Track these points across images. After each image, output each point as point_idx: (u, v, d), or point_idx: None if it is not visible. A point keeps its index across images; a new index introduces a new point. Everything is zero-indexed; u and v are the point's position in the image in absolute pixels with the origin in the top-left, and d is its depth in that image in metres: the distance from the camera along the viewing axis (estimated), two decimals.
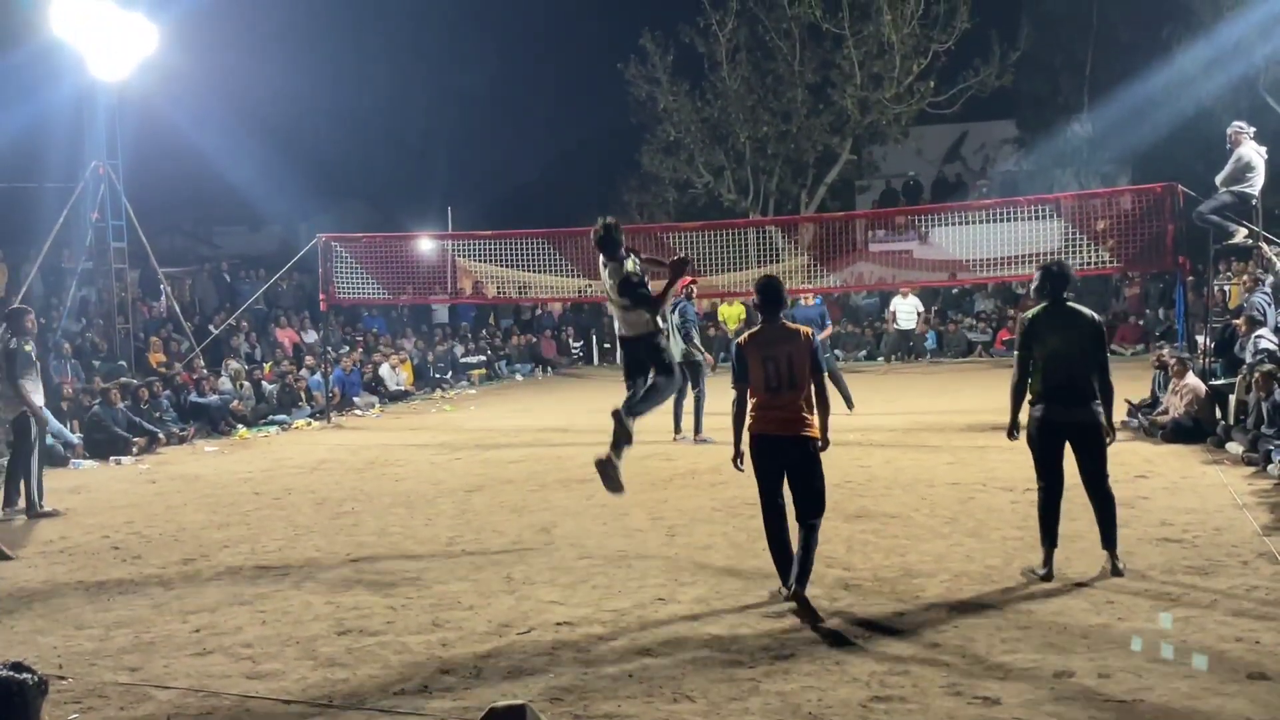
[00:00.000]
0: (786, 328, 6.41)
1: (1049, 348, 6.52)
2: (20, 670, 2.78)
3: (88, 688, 5.27)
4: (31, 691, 2.77)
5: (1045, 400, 6.56)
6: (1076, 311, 6.63)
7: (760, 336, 6.37)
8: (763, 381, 6.27)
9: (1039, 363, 6.55)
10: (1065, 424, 6.54)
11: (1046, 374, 6.53)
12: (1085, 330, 6.56)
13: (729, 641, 5.61)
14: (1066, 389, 6.51)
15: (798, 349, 6.26)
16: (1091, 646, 5.30)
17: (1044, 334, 6.54)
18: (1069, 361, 6.51)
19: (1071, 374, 6.51)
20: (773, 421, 6.27)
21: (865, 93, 26.80)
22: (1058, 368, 6.51)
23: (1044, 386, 6.55)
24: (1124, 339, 22.43)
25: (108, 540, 8.66)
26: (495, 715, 2.20)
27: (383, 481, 10.99)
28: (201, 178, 25.43)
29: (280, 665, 5.52)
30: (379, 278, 17.74)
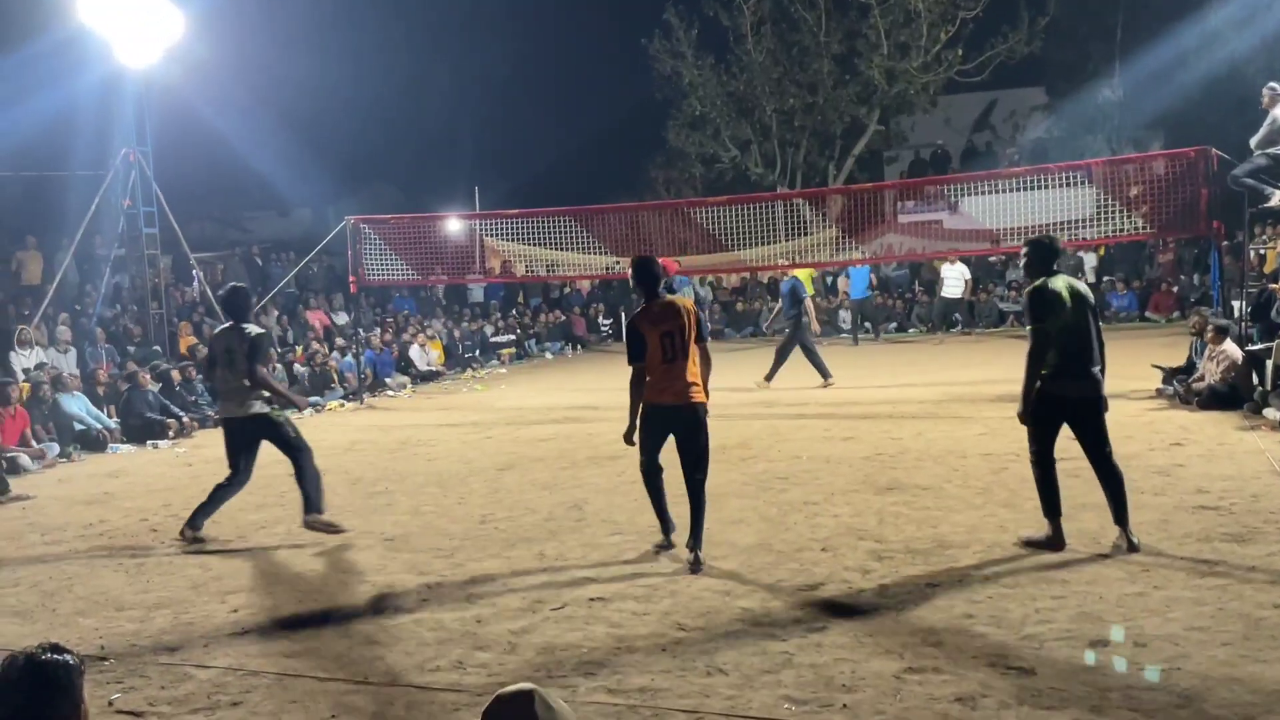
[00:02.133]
0: (671, 303, 6.76)
1: (1063, 320, 6.38)
2: (59, 651, 2.82)
3: (129, 668, 5.35)
4: (73, 672, 2.81)
5: (1058, 374, 6.44)
6: (1075, 283, 6.60)
7: (651, 314, 6.70)
8: (660, 355, 6.62)
9: (1056, 335, 6.39)
10: (1076, 398, 6.48)
11: (1061, 348, 6.41)
12: (1088, 301, 6.54)
13: (761, 615, 5.62)
14: (1079, 362, 6.44)
15: (685, 320, 6.68)
16: (1127, 615, 5.27)
17: (1058, 305, 6.38)
18: (1083, 333, 6.44)
19: (1084, 346, 6.45)
20: (669, 392, 6.66)
21: (892, 62, 26.56)
22: (1071, 340, 6.41)
23: (1059, 360, 6.42)
24: (1159, 306, 22.18)
25: (146, 523, 8.77)
26: (502, 700, 2.20)
27: (415, 461, 11.06)
28: (229, 164, 25.56)
29: (317, 643, 5.58)
30: (408, 259, 17.81)
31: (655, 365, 6.64)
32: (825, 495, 8.30)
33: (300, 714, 4.68)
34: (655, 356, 6.64)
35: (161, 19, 16.03)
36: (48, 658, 2.78)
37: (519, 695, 2.20)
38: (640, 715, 4.48)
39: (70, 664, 2.81)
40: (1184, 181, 13.51)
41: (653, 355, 6.64)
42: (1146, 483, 8.03)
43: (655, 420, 6.76)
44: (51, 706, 2.74)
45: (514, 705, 2.19)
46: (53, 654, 2.79)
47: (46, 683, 2.75)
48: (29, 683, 2.74)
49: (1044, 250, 6.64)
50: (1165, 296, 22.32)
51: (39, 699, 2.73)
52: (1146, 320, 22.03)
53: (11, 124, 17.94)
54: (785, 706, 4.49)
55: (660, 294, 6.82)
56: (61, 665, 2.78)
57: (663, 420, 6.75)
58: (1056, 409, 6.50)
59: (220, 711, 4.76)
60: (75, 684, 2.81)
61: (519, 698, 2.19)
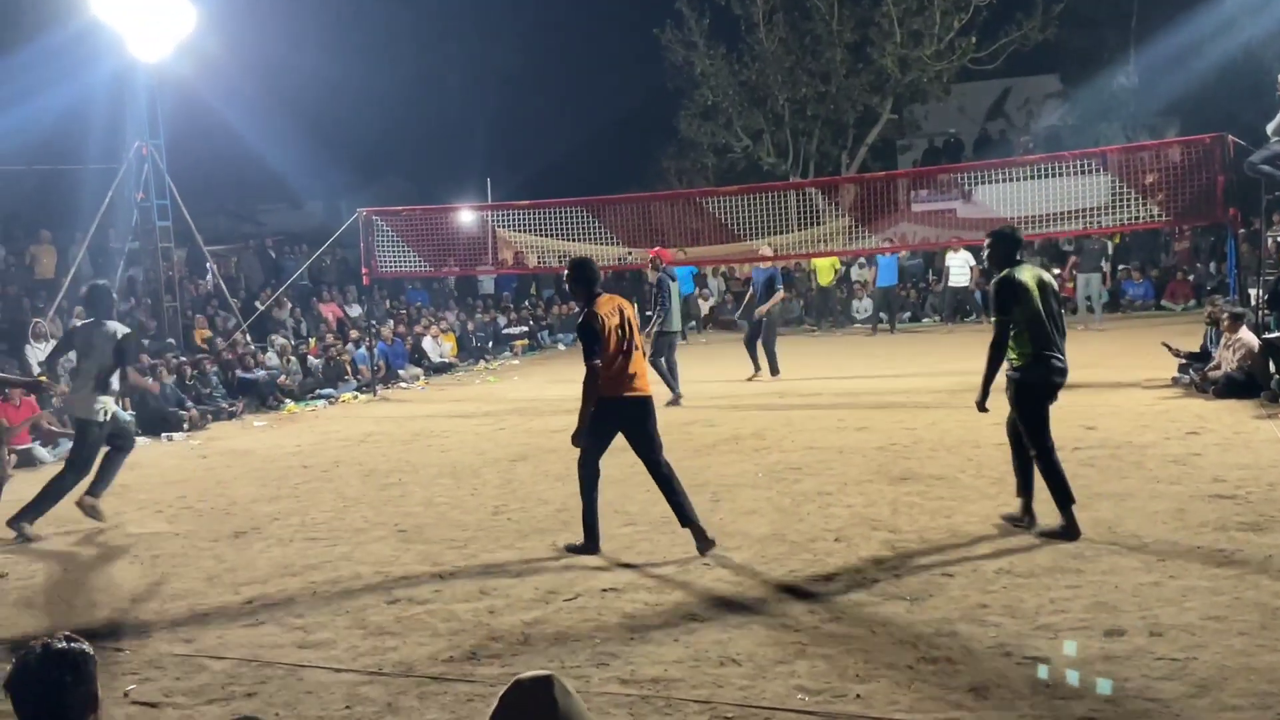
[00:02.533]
0: (613, 298, 6.87)
1: (1031, 309, 6.49)
2: (73, 640, 2.84)
3: (144, 659, 5.37)
4: (88, 660, 2.83)
5: (1035, 361, 6.54)
6: (1041, 273, 6.73)
7: (603, 310, 6.71)
8: (616, 349, 6.69)
9: (1024, 324, 6.50)
10: (1053, 385, 6.62)
11: (1033, 335, 6.51)
12: (1053, 290, 6.70)
13: (774, 605, 5.61)
14: (1052, 349, 6.56)
15: (630, 315, 6.85)
16: (1142, 605, 5.25)
17: (1024, 295, 6.49)
18: (1053, 320, 6.58)
19: (1054, 333, 6.58)
20: (628, 384, 6.75)
21: (905, 50, 26.44)
22: (1041, 328, 6.52)
23: (1038, 347, 6.52)
24: (1174, 295, 22.04)
25: (161, 515, 8.80)
26: (521, 686, 2.19)
27: (429, 452, 11.07)
28: (242, 157, 25.62)
29: (331, 635, 5.59)
30: (420, 251, 17.81)
31: (613, 360, 6.69)
32: (839, 485, 8.28)
33: (314, 705, 4.70)
34: (613, 352, 6.69)
35: (173, 12, 16.04)
36: (64, 646, 2.80)
37: (538, 680, 2.19)
38: (653, 706, 4.48)
39: (85, 652, 2.82)
40: (1200, 168, 13.40)
41: (611, 351, 6.69)
42: (1163, 471, 7.99)
43: (612, 416, 6.78)
44: (69, 694, 2.76)
45: (533, 690, 2.18)
46: (68, 643, 2.81)
47: (63, 671, 2.77)
48: (46, 671, 2.76)
49: (1007, 242, 6.77)
50: (1181, 285, 22.19)
51: (56, 687, 2.75)
52: (1162, 309, 21.90)
53: (25, 118, 18.00)
54: (799, 697, 4.48)
55: (598, 292, 6.83)
56: (77, 653, 2.80)
57: (620, 415, 6.78)
58: (1048, 395, 6.64)
59: (235, 702, 4.77)
60: (90, 672, 2.83)
61: (538, 682, 2.19)
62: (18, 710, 2.78)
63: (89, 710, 2.81)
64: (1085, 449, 8.93)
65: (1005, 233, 6.83)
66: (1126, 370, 13.44)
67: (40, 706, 2.75)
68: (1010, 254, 6.71)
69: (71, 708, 2.76)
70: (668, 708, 4.46)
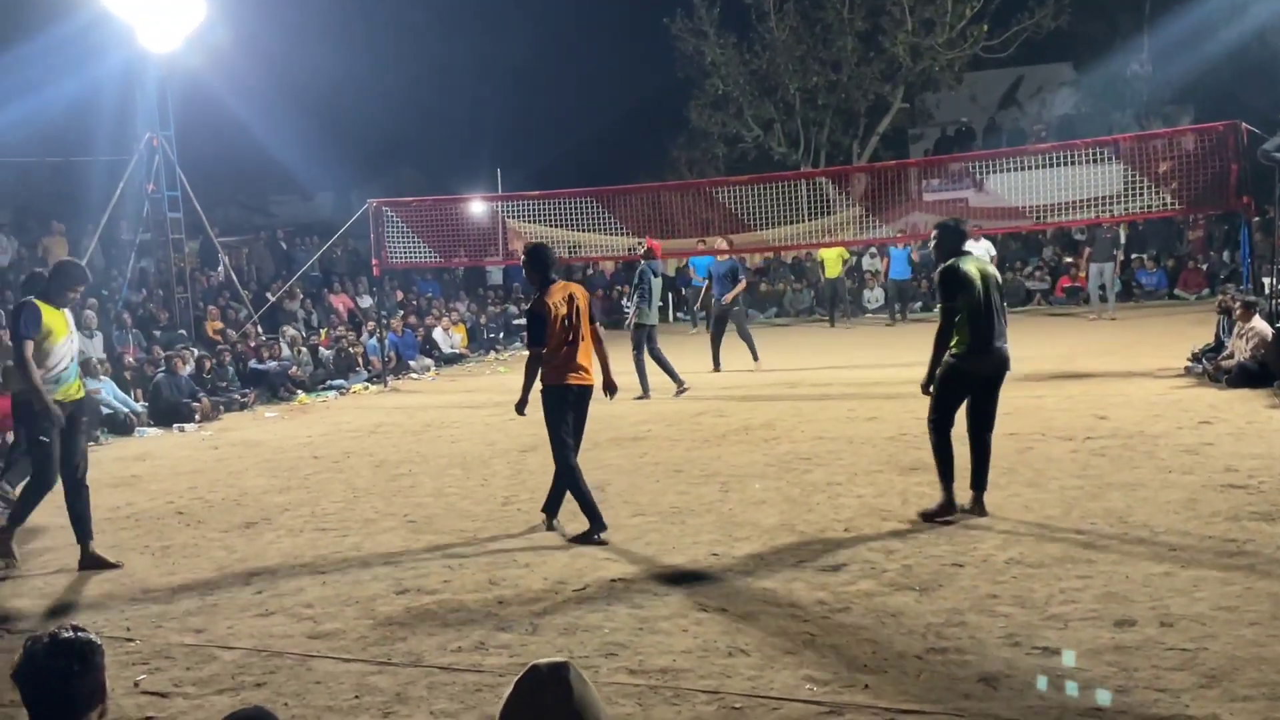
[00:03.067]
0: (566, 286, 7.06)
1: (972, 298, 6.69)
2: (82, 631, 2.85)
3: (154, 649, 5.39)
4: (95, 650, 2.84)
5: (971, 350, 6.74)
6: (984, 264, 6.94)
7: (553, 298, 6.92)
8: (560, 338, 6.89)
9: (966, 314, 6.70)
10: (987, 374, 6.82)
11: (973, 324, 6.70)
12: (995, 281, 6.88)
13: (783, 596, 5.60)
14: (991, 338, 6.74)
15: (581, 304, 7.00)
16: (1153, 595, 5.22)
17: (967, 284, 6.69)
18: (992, 310, 6.75)
19: (994, 323, 6.76)
20: (573, 372, 6.96)
21: (917, 39, 26.33)
22: (981, 317, 6.71)
23: (971, 337, 6.71)
24: (1187, 284, 21.93)
25: (172, 505, 8.83)
26: (538, 671, 2.19)
27: (439, 443, 11.09)
28: (252, 148, 25.63)
29: (340, 625, 5.60)
30: (430, 241, 17.82)
31: (557, 348, 6.90)
32: (849, 476, 8.27)
33: (323, 695, 4.70)
34: (557, 340, 6.89)
35: (183, 3, 16.06)
36: (71, 636, 2.81)
37: (555, 667, 2.19)
38: (662, 696, 4.48)
39: (93, 642, 2.83)
40: (1213, 156, 13.32)
41: (555, 339, 6.89)
42: (1175, 461, 7.95)
43: (566, 400, 7.02)
44: (76, 683, 2.77)
45: (550, 676, 2.18)
46: (75, 633, 2.82)
47: (71, 660, 2.78)
48: (54, 661, 2.76)
49: (953, 234, 6.98)
50: (1194, 274, 22.07)
51: (64, 677, 2.76)
52: (1175, 298, 21.79)
53: (37, 109, 18.06)
54: (807, 687, 4.47)
55: (553, 279, 7.04)
56: (85, 643, 2.81)
57: (571, 400, 7.04)
58: (969, 383, 6.84)
59: (245, 692, 4.78)
60: (98, 662, 2.83)
61: (555, 669, 2.19)
62: (25, 700, 2.79)
63: (96, 700, 2.82)
64: (1097, 439, 8.89)
65: (950, 225, 7.07)
66: (1139, 360, 13.38)
67: (47, 696, 2.76)
68: (956, 245, 6.93)
69: (78, 698, 2.77)
70: (676, 698, 4.46)
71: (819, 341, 15.18)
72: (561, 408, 7.01)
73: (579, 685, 2.16)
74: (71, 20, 16.88)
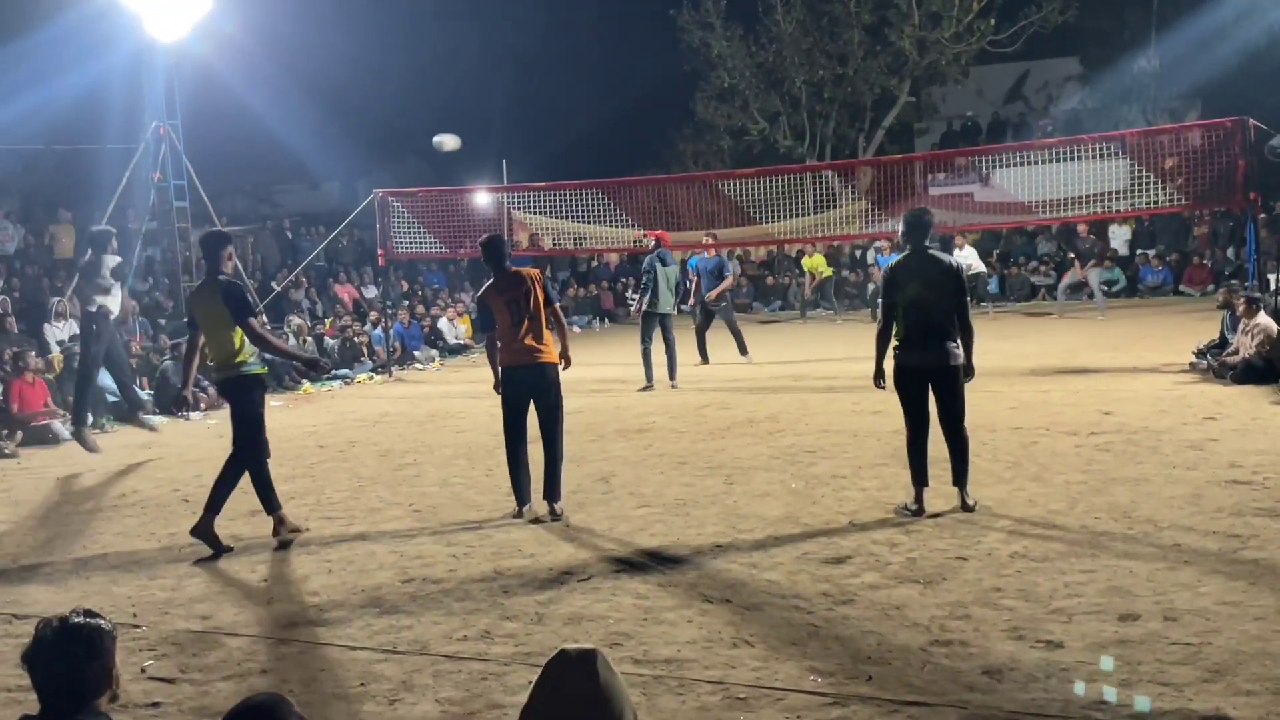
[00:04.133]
0: (516, 272, 7.37)
1: (909, 295, 6.76)
2: (91, 616, 2.87)
3: (161, 635, 5.41)
4: (105, 636, 2.86)
5: (905, 346, 6.83)
6: (935, 258, 6.87)
7: (497, 286, 7.34)
8: (508, 321, 7.24)
9: (900, 310, 6.80)
10: (922, 368, 6.80)
11: (907, 321, 6.79)
12: (944, 276, 6.79)
13: (787, 587, 5.61)
14: (924, 334, 6.76)
15: (530, 287, 7.28)
16: (1157, 589, 5.23)
17: (904, 282, 6.79)
18: (928, 307, 6.75)
19: (929, 319, 6.76)
20: (519, 354, 7.25)
21: (924, 32, 26.27)
22: (918, 314, 6.76)
23: (905, 333, 6.81)
24: (1192, 280, 21.88)
25: (178, 493, 8.86)
26: (566, 656, 2.21)
27: (444, 433, 11.11)
28: (259, 137, 25.61)
29: (346, 613, 5.63)
30: (436, 232, 17.84)
31: (505, 331, 7.26)
32: (853, 469, 8.28)
33: (329, 682, 4.73)
34: (504, 323, 7.26)
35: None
36: (80, 621, 2.83)
37: (585, 652, 2.21)
38: (667, 686, 4.50)
39: (102, 628, 2.85)
40: (1220, 152, 13.30)
41: (502, 322, 7.27)
42: (1179, 457, 7.96)
43: (510, 382, 7.33)
44: (85, 668, 2.79)
45: (579, 662, 2.20)
46: (85, 618, 2.84)
47: (80, 645, 2.80)
48: (63, 645, 2.78)
49: (912, 226, 6.94)
50: (1199, 270, 22.02)
51: (73, 661, 2.78)
52: (1180, 294, 21.76)
53: (44, 98, 18.05)
54: (811, 679, 4.49)
55: (507, 267, 7.38)
56: (94, 628, 2.83)
57: (517, 382, 7.30)
58: (912, 379, 6.86)
59: (250, 679, 4.81)
60: (107, 648, 2.85)
61: (584, 655, 2.21)
62: (35, 683, 2.81)
63: (105, 685, 2.84)
64: (1102, 434, 8.90)
65: (910, 219, 6.98)
66: (1144, 355, 13.37)
67: (56, 680, 2.79)
68: (918, 239, 6.90)
69: (86, 682, 2.79)
70: (680, 688, 4.47)
71: (824, 335, 15.21)
72: (507, 386, 7.34)
73: (605, 672, 2.18)
74: (79, 10, 16.88)
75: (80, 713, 2.78)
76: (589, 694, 2.15)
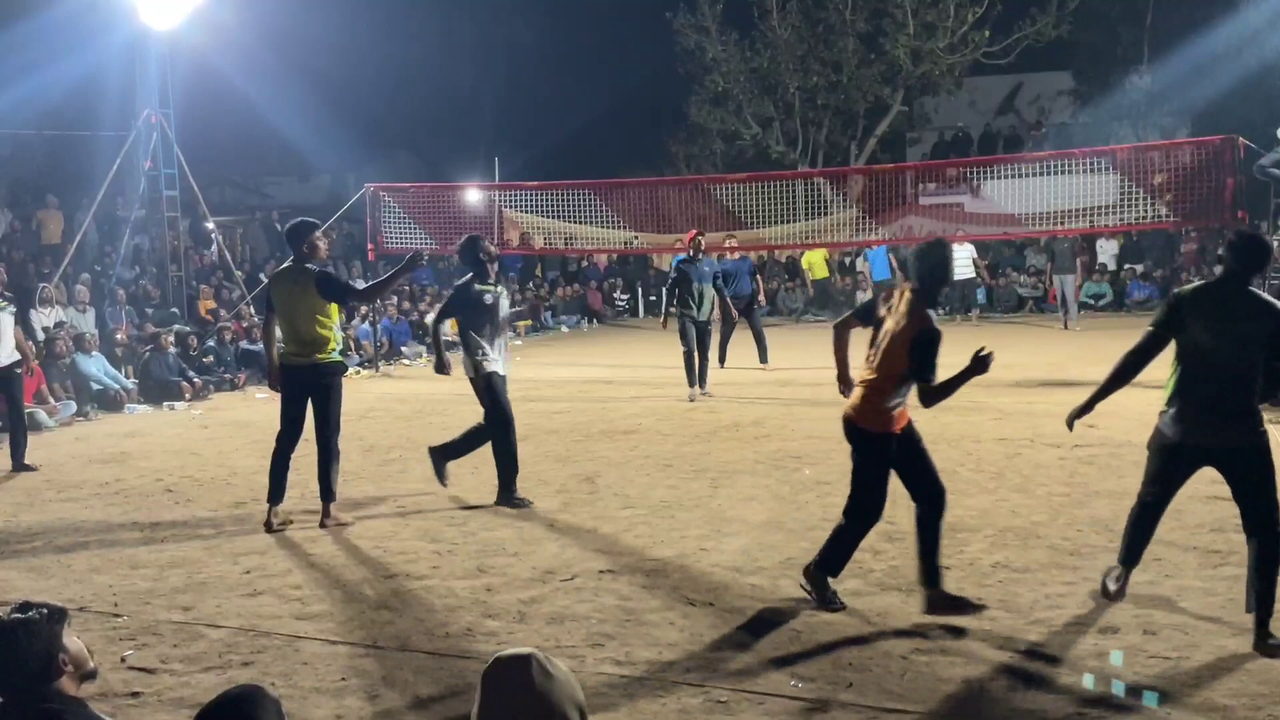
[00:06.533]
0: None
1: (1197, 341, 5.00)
2: (27, 609, 2.88)
3: (142, 625, 5.40)
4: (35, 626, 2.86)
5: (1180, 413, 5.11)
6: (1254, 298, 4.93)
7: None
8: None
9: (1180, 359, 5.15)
10: (1204, 447, 5.02)
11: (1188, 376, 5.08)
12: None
13: (770, 592, 5.63)
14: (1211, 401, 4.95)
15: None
16: (1137, 603, 5.26)
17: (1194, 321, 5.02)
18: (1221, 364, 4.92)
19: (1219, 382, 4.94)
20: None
21: (918, 42, 26.34)
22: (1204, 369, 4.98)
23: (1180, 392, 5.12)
24: None
25: (161, 483, 8.83)
26: (500, 664, 2.22)
27: (430, 430, 11.07)
28: (251, 128, 25.56)
29: (328, 607, 5.62)
30: (427, 228, 17.81)
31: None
32: (839, 475, 8.23)
33: (310, 676, 4.72)
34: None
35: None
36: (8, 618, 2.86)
37: (516, 659, 2.21)
38: (648, 687, 4.51)
39: (31, 620, 2.86)
40: (1209, 170, 13.39)
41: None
42: None
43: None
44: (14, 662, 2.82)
45: (511, 668, 2.20)
46: (20, 613, 2.86)
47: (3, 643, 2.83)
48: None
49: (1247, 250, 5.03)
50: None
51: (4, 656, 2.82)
52: None
53: (37, 85, 17.98)
54: (792, 683, 4.50)
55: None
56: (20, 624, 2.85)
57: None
58: (1181, 456, 5.19)
59: (231, 671, 4.80)
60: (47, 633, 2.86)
61: (516, 661, 2.20)
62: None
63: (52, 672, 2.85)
64: (1085, 446, 8.94)
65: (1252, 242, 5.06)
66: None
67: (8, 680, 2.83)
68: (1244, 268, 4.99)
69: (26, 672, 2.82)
70: (662, 690, 4.48)
71: (810, 341, 15.22)
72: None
73: (541, 679, 2.17)
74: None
75: (39, 700, 2.80)
76: (525, 700, 2.16)
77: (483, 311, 7.98)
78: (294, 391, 7.35)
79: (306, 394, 7.29)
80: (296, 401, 7.35)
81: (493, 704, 2.19)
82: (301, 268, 7.24)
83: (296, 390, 7.34)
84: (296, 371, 7.31)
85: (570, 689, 2.19)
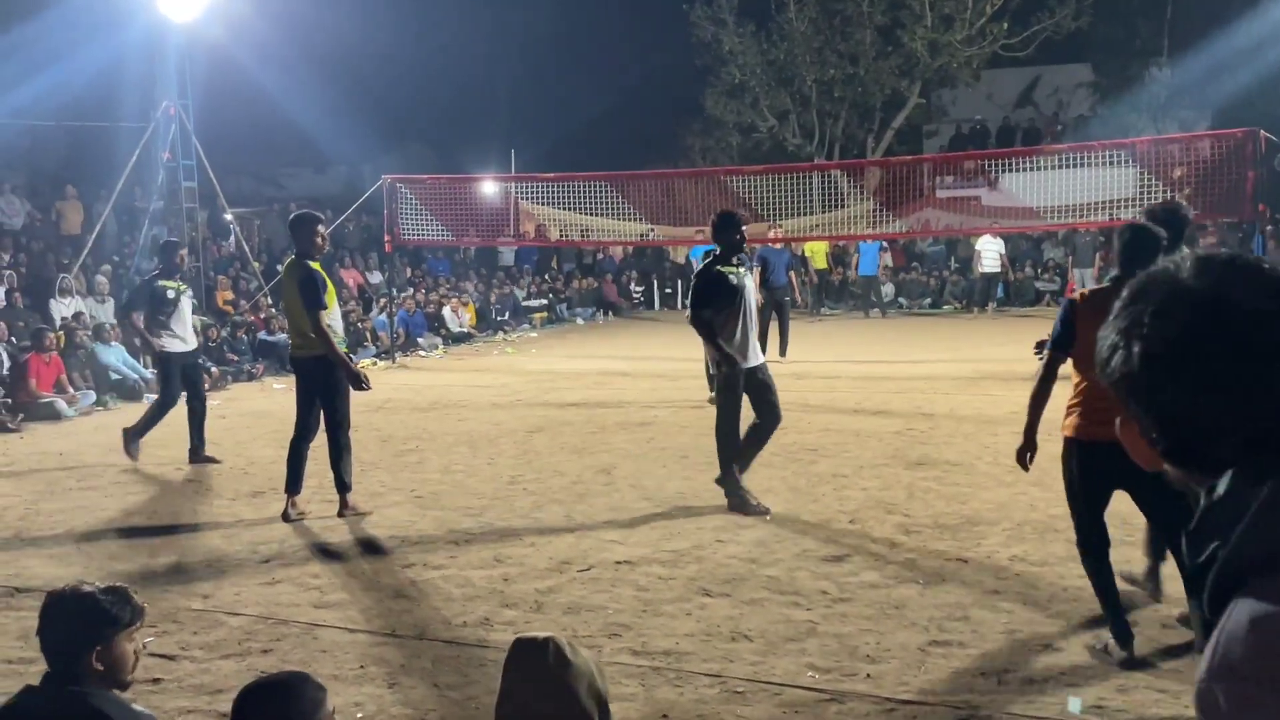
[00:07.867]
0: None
1: None
2: (113, 592, 2.93)
3: (162, 612, 5.43)
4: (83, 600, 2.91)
5: None
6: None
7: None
8: None
9: None
10: None
11: None
12: None
13: (786, 583, 5.63)
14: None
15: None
16: (1157, 596, 5.24)
17: None
18: None
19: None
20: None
21: (935, 34, 26.23)
22: None
23: None
24: None
25: (180, 472, 8.89)
26: (522, 645, 2.24)
27: (446, 421, 11.13)
28: (268, 120, 25.61)
29: (346, 595, 5.65)
30: (443, 220, 17.86)
31: None
32: (854, 468, 8.29)
33: (329, 663, 4.75)
34: None
35: None
36: (85, 589, 2.89)
37: (533, 642, 2.24)
38: (665, 677, 4.52)
39: (102, 602, 2.90)
40: (1230, 163, 13.32)
41: None
42: None
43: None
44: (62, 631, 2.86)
45: (529, 651, 2.23)
46: (103, 593, 2.90)
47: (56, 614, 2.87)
48: (56, 609, 2.86)
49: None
50: None
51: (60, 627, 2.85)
52: None
53: (57, 77, 18.06)
54: (808, 675, 4.50)
55: None
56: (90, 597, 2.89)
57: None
58: None
59: (250, 658, 4.83)
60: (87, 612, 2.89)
61: (533, 644, 2.23)
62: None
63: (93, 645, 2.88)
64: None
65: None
66: None
67: (47, 643, 2.86)
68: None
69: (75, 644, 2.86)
70: (678, 680, 4.49)
71: (825, 334, 15.23)
72: None
73: (557, 663, 2.19)
74: None
75: (72, 680, 2.82)
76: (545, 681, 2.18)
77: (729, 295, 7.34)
78: (302, 383, 7.37)
79: (312, 386, 7.26)
80: (306, 393, 7.37)
81: (512, 683, 2.22)
82: (298, 263, 7.23)
83: (304, 382, 7.36)
84: (301, 364, 7.37)
85: (589, 677, 2.21)
